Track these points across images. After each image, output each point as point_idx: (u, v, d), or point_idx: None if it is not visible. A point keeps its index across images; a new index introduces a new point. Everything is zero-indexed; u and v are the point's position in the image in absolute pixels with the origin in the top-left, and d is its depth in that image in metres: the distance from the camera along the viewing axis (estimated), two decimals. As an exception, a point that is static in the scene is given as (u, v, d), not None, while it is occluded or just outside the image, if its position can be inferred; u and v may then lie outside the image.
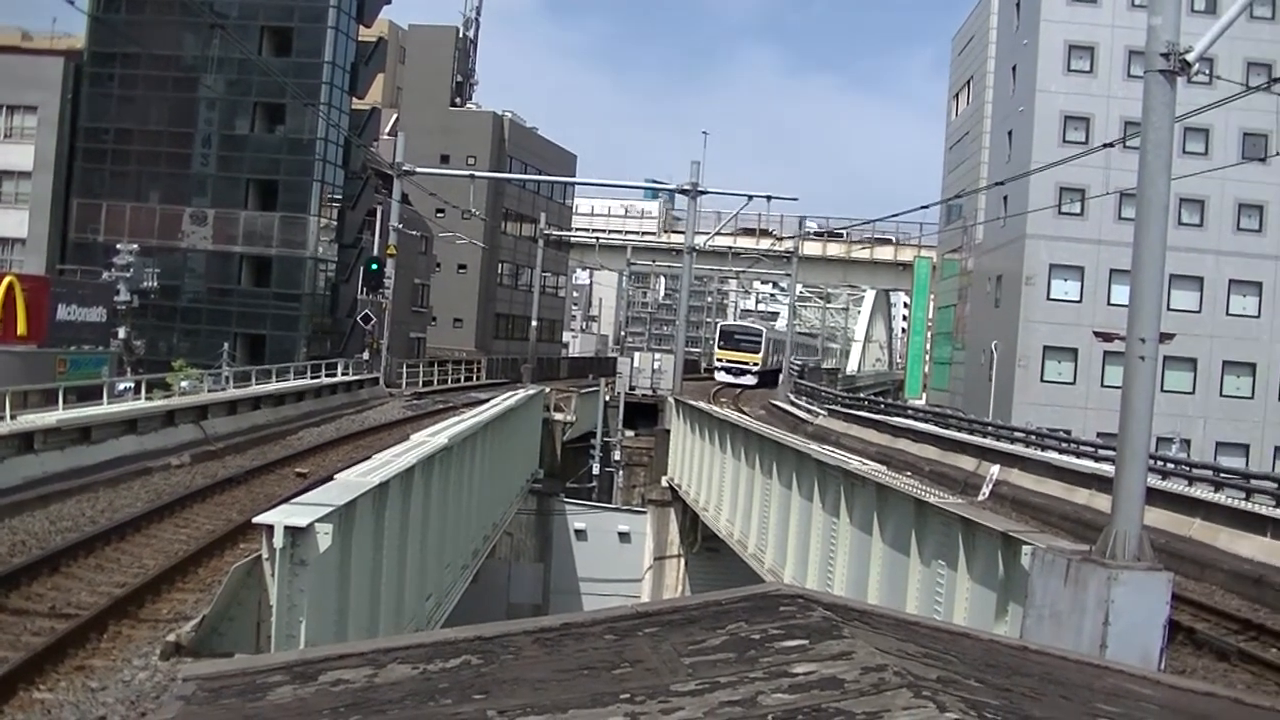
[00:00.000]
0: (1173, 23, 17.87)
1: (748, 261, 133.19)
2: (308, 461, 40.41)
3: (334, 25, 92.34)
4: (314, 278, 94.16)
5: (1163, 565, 17.85)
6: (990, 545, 21.02)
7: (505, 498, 45.42)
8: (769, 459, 37.91)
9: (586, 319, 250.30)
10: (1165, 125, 18.01)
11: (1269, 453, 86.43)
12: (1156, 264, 18.04)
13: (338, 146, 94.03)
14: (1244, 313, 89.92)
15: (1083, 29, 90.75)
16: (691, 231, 75.73)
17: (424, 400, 70.59)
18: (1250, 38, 78.79)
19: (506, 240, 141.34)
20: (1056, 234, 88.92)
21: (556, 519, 61.38)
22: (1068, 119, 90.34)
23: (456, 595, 30.86)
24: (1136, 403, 17.91)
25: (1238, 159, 79.91)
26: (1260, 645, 25.42)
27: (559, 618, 7.26)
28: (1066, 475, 45.04)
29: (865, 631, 6.55)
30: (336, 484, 20.02)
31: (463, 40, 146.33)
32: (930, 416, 75.45)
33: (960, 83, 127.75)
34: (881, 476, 28.25)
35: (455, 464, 29.43)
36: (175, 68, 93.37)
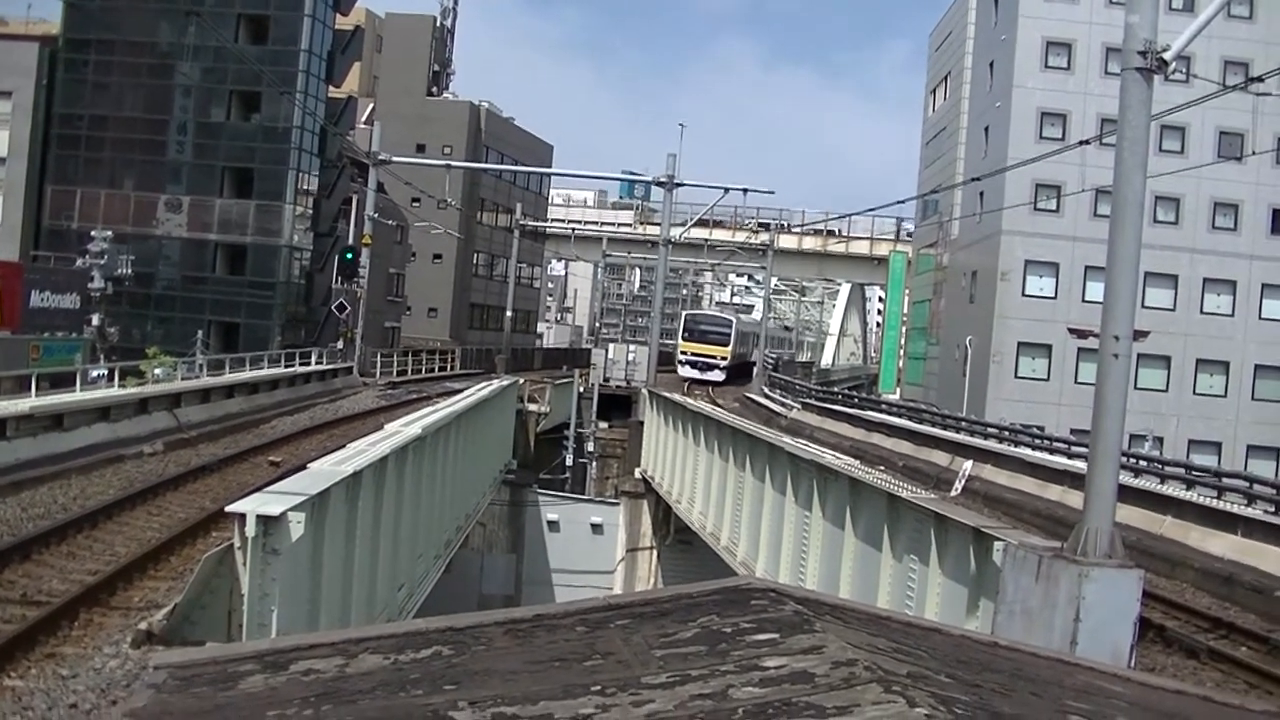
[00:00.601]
0: (1150, 21, 17.91)
1: (723, 254, 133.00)
2: (281, 450, 40.35)
3: (311, 13, 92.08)
4: (289, 266, 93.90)
5: (1134, 563, 17.92)
6: (962, 541, 21.08)
7: (478, 488, 45.40)
8: (742, 452, 37.96)
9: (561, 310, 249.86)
10: (1141, 123, 18.06)
11: (1241, 451, 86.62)
12: (1131, 262, 18.10)
13: (314, 135, 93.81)
14: (1218, 311, 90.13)
15: (1060, 25, 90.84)
16: (667, 223, 75.77)
17: (398, 390, 70.44)
18: (1227, 36, 78.95)
19: (482, 230, 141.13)
20: (1032, 230, 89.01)
21: (529, 510, 61.34)
22: (1044, 115, 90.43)
23: (429, 585, 30.85)
24: (1110, 400, 17.97)
25: (1214, 158, 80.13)
26: (1230, 643, 25.50)
27: (530, 609, 7.28)
28: (1039, 471, 45.13)
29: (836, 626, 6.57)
30: (309, 473, 20.00)
31: (440, 29, 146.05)
32: (904, 411, 75.51)
33: (937, 78, 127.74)
34: (855, 471, 28.31)
35: (428, 454, 29.42)
36: (151, 55, 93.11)
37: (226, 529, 20.03)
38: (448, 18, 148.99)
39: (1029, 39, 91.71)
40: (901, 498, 24.31)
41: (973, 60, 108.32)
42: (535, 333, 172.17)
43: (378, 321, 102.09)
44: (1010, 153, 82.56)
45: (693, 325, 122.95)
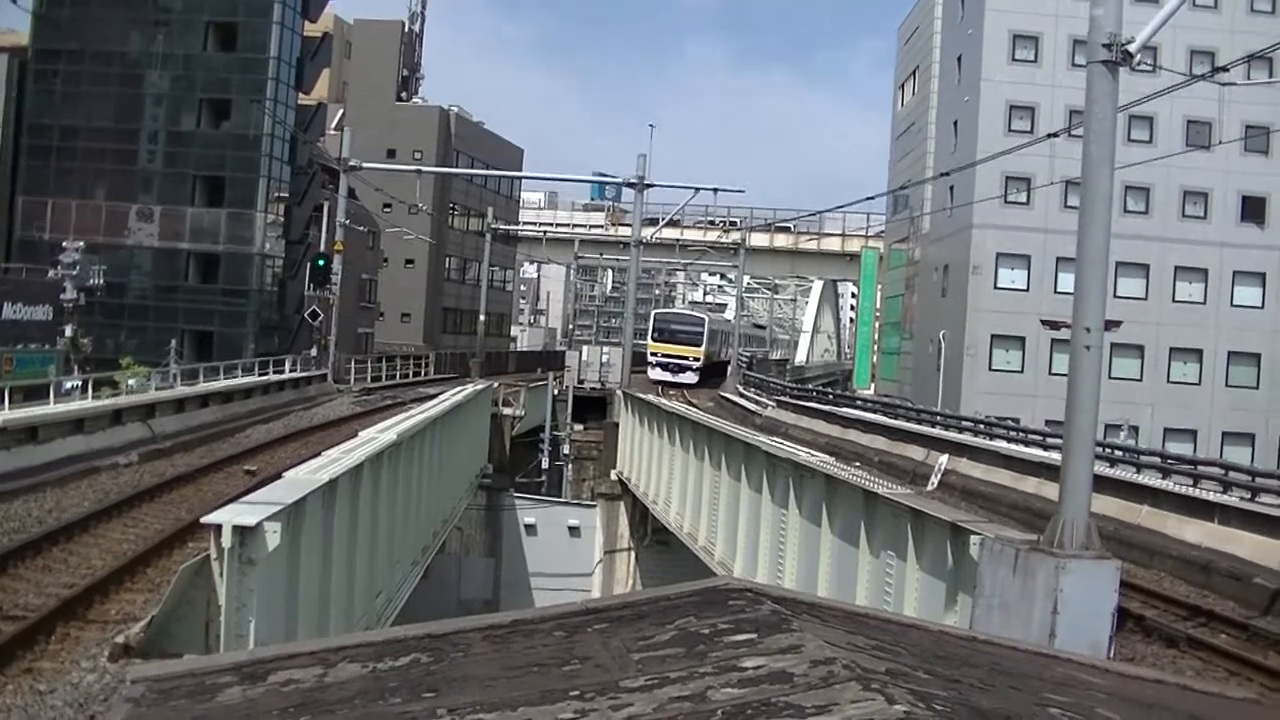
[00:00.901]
0: (1114, 14, 17.97)
1: (695, 254, 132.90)
2: (256, 459, 40.28)
3: (279, 20, 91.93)
4: (261, 274, 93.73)
5: (1110, 553, 17.99)
6: (939, 535, 21.11)
7: (455, 493, 45.42)
8: (718, 451, 38.00)
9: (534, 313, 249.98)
10: (1108, 115, 18.12)
11: (1216, 438, 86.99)
12: (1101, 254, 18.16)
13: (284, 142, 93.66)
14: (1190, 299, 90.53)
15: (1027, 18, 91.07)
16: (638, 225, 75.74)
17: (373, 396, 70.42)
18: (1193, 26, 79.33)
19: (454, 234, 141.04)
20: (1003, 223, 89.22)
21: (506, 514, 61.42)
22: (1013, 108, 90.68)
23: (407, 592, 30.85)
24: (1082, 392, 18.03)
25: (1182, 147, 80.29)
26: (1209, 631, 25.57)
27: (508, 615, 7.28)
28: (1015, 464, 45.17)
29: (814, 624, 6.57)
30: (285, 482, 20.00)
31: (408, 34, 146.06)
32: (879, 407, 75.59)
33: (906, 73, 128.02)
34: (830, 468, 28.35)
35: (404, 460, 29.42)
36: (120, 64, 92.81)
37: (203, 540, 19.95)
38: (416, 23, 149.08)
39: (996, 32, 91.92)
40: (878, 494, 24.35)
41: (940, 55, 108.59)
42: (509, 336, 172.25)
43: (351, 328, 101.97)
44: (979, 146, 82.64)
45: (662, 325, 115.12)
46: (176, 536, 25.87)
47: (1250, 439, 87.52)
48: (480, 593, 58.43)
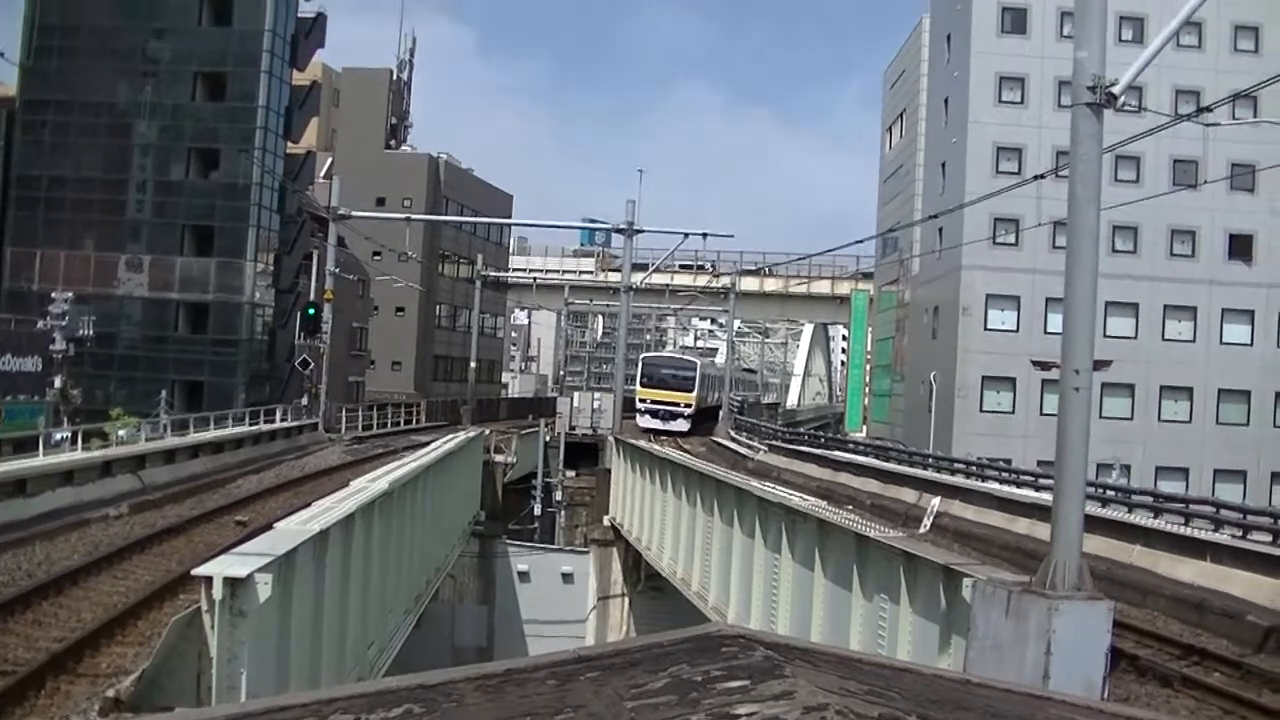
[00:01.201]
0: (1098, 56, 18.04)
1: (685, 298, 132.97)
2: (247, 509, 40.17)
3: (268, 70, 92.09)
4: (251, 323, 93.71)
5: (1103, 594, 17.98)
6: (932, 578, 21.09)
7: (447, 541, 45.32)
8: (710, 496, 37.96)
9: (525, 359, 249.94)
10: (1093, 157, 18.17)
11: (1208, 475, 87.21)
12: (1088, 295, 18.20)
13: (273, 191, 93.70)
14: (1179, 337, 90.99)
15: (1013, 60, 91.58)
16: (628, 270, 75.84)
17: (364, 444, 70.31)
18: (1178, 66, 79.66)
19: (444, 282, 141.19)
20: (992, 264, 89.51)
21: (499, 561, 61.30)
22: (1000, 150, 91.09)
23: (400, 641, 30.76)
24: (1072, 434, 18.04)
25: (1169, 186, 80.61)
26: (1203, 670, 25.54)
27: (501, 664, 7.25)
28: (1007, 505, 45.19)
29: (807, 670, 6.55)
30: (276, 532, 19.93)
31: (396, 82, 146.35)
32: (871, 449, 75.68)
33: (893, 115, 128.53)
34: (822, 512, 28.33)
35: (396, 509, 29.34)
36: (108, 114, 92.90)
37: (193, 592, 19.92)
38: (404, 70, 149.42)
39: (982, 74, 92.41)
40: (870, 537, 24.33)
41: (927, 97, 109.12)
42: (500, 383, 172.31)
43: (342, 376, 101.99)
44: (967, 188, 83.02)
45: (652, 370, 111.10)
46: (167, 588, 25.78)
47: (1242, 476, 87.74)
48: (474, 640, 58.30)
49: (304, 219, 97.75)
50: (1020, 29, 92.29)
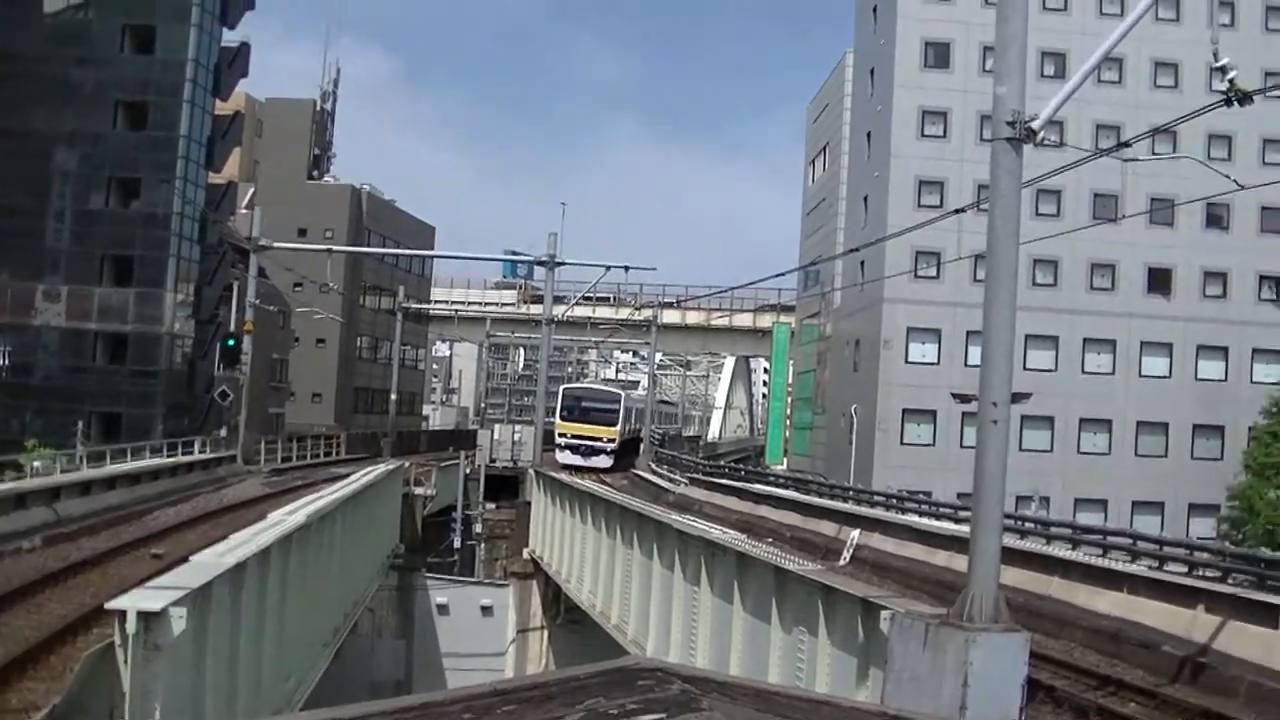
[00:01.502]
0: (1018, 91, 18.14)
1: (607, 331, 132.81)
2: (164, 542, 39.89)
3: (190, 99, 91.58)
4: (171, 354, 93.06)
5: (1020, 625, 18.03)
6: (850, 611, 21.11)
7: (366, 574, 45.16)
8: (630, 529, 37.97)
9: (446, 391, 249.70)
10: (1012, 191, 18.26)
11: (1126, 507, 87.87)
12: (1007, 329, 18.28)
13: (194, 221, 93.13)
14: (1099, 370, 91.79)
15: (936, 94, 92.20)
16: (549, 302, 75.89)
17: (283, 477, 69.99)
18: (1099, 101, 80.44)
19: (365, 314, 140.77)
20: (913, 298, 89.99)
21: (418, 594, 61.16)
22: (922, 183, 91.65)
23: (317, 674, 30.59)
24: (990, 466, 18.10)
25: (1089, 220, 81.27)
26: (1119, 700, 25.74)
27: (417, 697, 7.21)
28: (926, 538, 45.37)
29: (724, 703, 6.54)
30: (191, 565, 19.82)
31: (319, 113, 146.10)
32: (791, 482, 75.76)
33: (816, 149, 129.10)
34: (742, 545, 28.37)
35: (314, 541, 29.21)
36: (27, 142, 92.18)
37: (107, 625, 19.73)
38: (327, 101, 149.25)
39: (905, 108, 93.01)
40: (789, 570, 24.36)
41: (850, 130, 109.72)
42: (421, 415, 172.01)
43: (262, 408, 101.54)
44: (890, 221, 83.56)
45: (572, 402, 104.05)
46: (80, 622, 25.54)
47: (1160, 508, 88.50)
48: (392, 674, 58.05)
49: (225, 249, 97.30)
50: (943, 64, 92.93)
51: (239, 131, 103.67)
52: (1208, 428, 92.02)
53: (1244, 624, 27.23)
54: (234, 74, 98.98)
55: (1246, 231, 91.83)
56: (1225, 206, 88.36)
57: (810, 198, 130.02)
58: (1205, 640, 27.77)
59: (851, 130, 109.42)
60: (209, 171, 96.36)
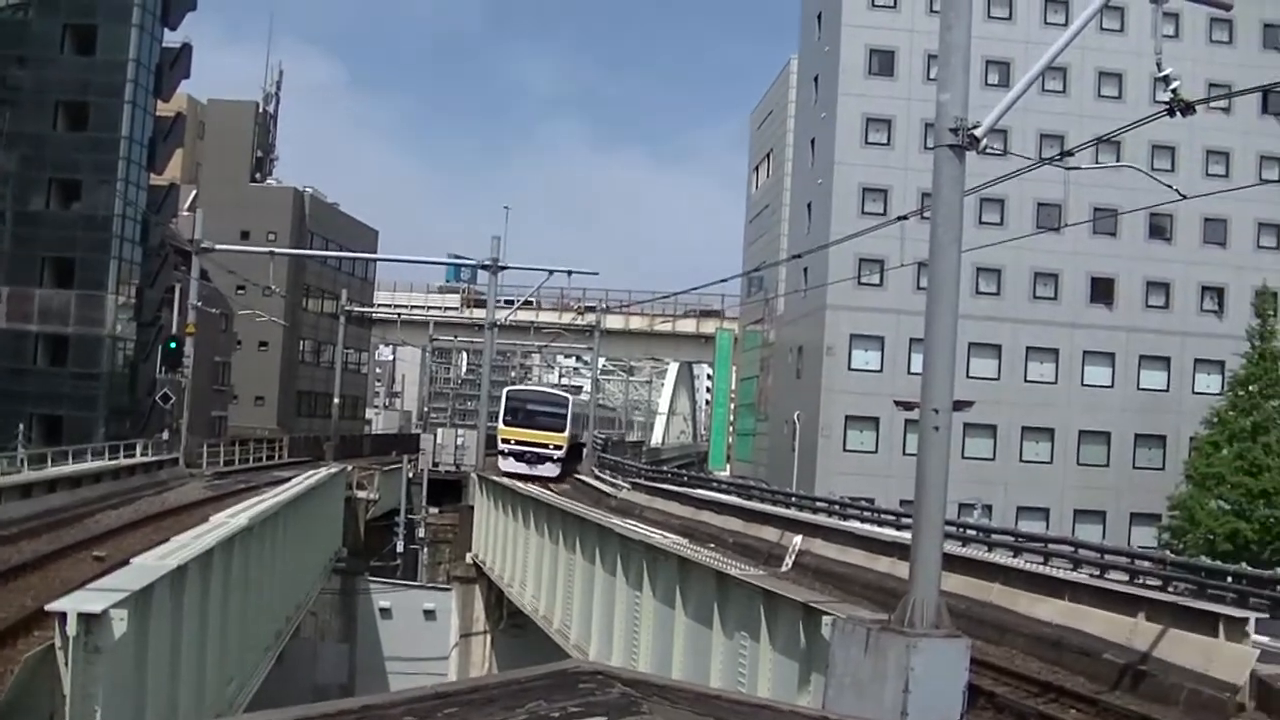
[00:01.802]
0: (961, 99, 18.21)
1: (550, 336, 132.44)
2: (105, 545, 39.61)
3: (131, 100, 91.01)
4: (112, 357, 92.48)
5: (961, 631, 18.07)
6: (792, 616, 21.17)
7: (308, 577, 45.05)
8: (573, 534, 37.99)
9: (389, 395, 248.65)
10: (955, 199, 18.34)
11: (1068, 516, 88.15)
12: (948, 336, 18.34)
13: (136, 223, 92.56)
14: (1041, 379, 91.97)
15: (880, 102, 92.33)
16: (492, 307, 75.85)
17: (226, 480, 69.58)
18: (1043, 110, 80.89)
19: (308, 317, 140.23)
20: (856, 305, 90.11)
21: (361, 598, 61.02)
22: (866, 191, 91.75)
23: (260, 677, 30.51)
24: (931, 472, 18.15)
25: (1032, 229, 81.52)
26: (1059, 707, 25.78)
27: (358, 700, 7.20)
28: (868, 544, 45.32)
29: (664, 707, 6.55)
30: (133, 568, 19.76)
31: (262, 115, 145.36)
32: (734, 488, 75.81)
33: (760, 156, 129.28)
34: (684, 550, 28.40)
35: (256, 545, 29.13)
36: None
37: (48, 628, 19.64)
38: (270, 103, 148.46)
39: (849, 116, 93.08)
40: (731, 575, 24.41)
41: (794, 138, 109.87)
42: (364, 419, 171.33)
43: (204, 411, 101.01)
44: (833, 228, 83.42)
45: (517, 405, 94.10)
46: (20, 625, 25.32)
47: (1101, 516, 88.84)
48: (335, 678, 57.91)
49: (167, 252, 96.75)
50: (888, 71, 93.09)
51: (181, 133, 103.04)
52: (1149, 437, 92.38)
53: (1184, 632, 27.33)
54: (176, 75, 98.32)
55: (1189, 242, 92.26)
56: (1168, 217, 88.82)
57: (754, 204, 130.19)
58: (1146, 648, 27.86)
59: (795, 137, 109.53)
60: (151, 173, 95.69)
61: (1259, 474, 72.63)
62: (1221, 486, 73.55)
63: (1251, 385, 75.98)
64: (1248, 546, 68.59)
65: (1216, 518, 72.03)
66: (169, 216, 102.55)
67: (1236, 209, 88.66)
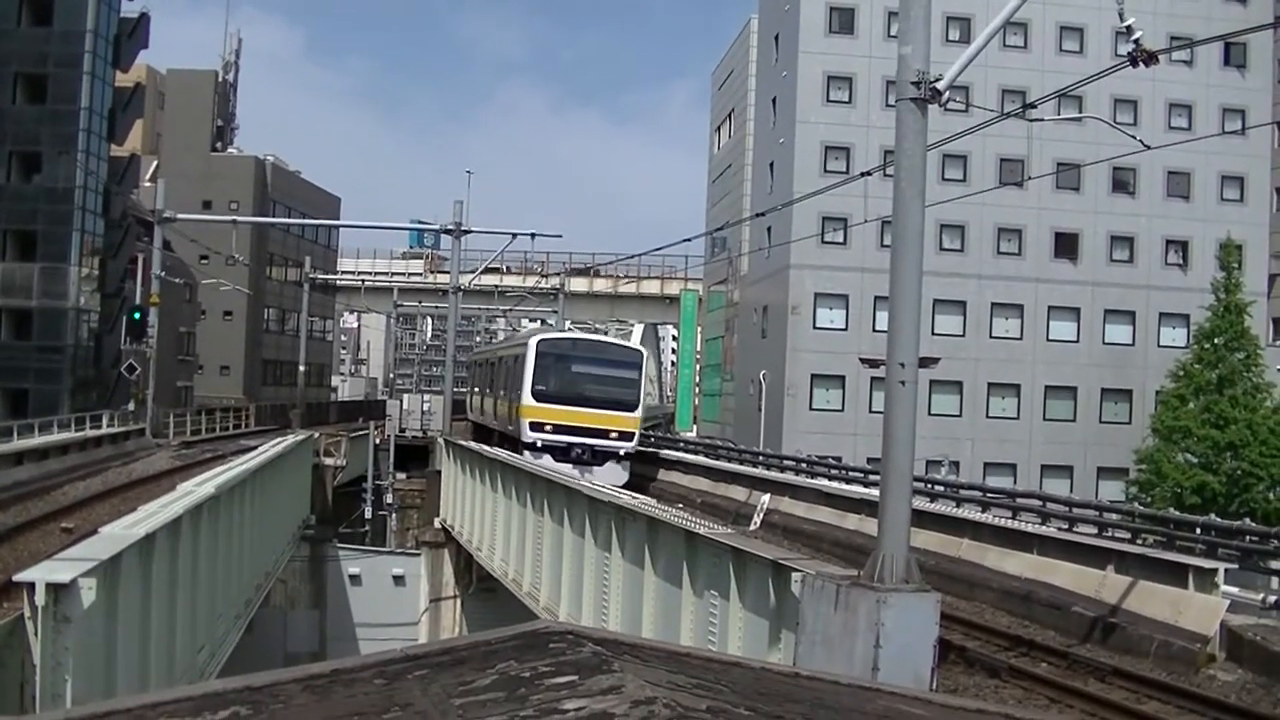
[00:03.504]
0: (923, 52, 18.20)
1: (514, 299, 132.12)
2: (73, 516, 39.58)
3: (90, 71, 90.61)
4: (77, 329, 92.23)
5: (931, 587, 18.11)
6: (761, 574, 21.16)
7: (277, 545, 44.99)
8: (540, 496, 37.93)
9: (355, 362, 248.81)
10: (918, 152, 18.33)
11: (1035, 471, 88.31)
12: (913, 290, 18.36)
13: (97, 195, 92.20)
14: (1006, 335, 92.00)
15: (841, 60, 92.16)
16: (456, 271, 75.49)
17: (192, 450, 69.50)
18: (1004, 66, 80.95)
19: (272, 285, 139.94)
20: (820, 263, 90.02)
21: (330, 565, 60.92)
22: (828, 149, 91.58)
23: (230, 645, 30.49)
24: (899, 428, 18.19)
25: (995, 184, 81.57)
26: (1030, 660, 25.88)
27: (328, 664, 7.17)
28: (836, 501, 45.47)
29: (635, 665, 6.54)
30: (101, 537, 19.69)
31: (222, 84, 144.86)
32: (700, 448, 75.90)
33: (721, 116, 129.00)
34: (652, 510, 28.36)
35: (224, 513, 29.07)
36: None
37: (16, 599, 19.60)
38: (230, 72, 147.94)
39: (810, 74, 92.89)
40: (699, 534, 24.39)
41: (756, 97, 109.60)
42: (329, 386, 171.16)
43: (169, 381, 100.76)
44: (795, 187, 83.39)
45: (558, 365, 60.89)
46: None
47: (1069, 471, 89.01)
48: (306, 645, 57.86)
49: (129, 223, 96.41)
50: (848, 29, 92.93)
51: (141, 104, 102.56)
52: (1116, 392, 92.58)
53: (1153, 584, 27.45)
54: (134, 45, 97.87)
55: (1153, 196, 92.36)
56: (1131, 171, 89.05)
57: (716, 164, 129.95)
58: (1115, 601, 27.97)
59: (757, 96, 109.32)
60: (111, 144, 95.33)
61: (1225, 427, 72.88)
62: (1188, 440, 73.82)
63: (1216, 338, 76.16)
64: (1215, 499, 68.86)
65: (1183, 471, 72.31)
66: (130, 187, 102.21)
67: (1200, 162, 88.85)
